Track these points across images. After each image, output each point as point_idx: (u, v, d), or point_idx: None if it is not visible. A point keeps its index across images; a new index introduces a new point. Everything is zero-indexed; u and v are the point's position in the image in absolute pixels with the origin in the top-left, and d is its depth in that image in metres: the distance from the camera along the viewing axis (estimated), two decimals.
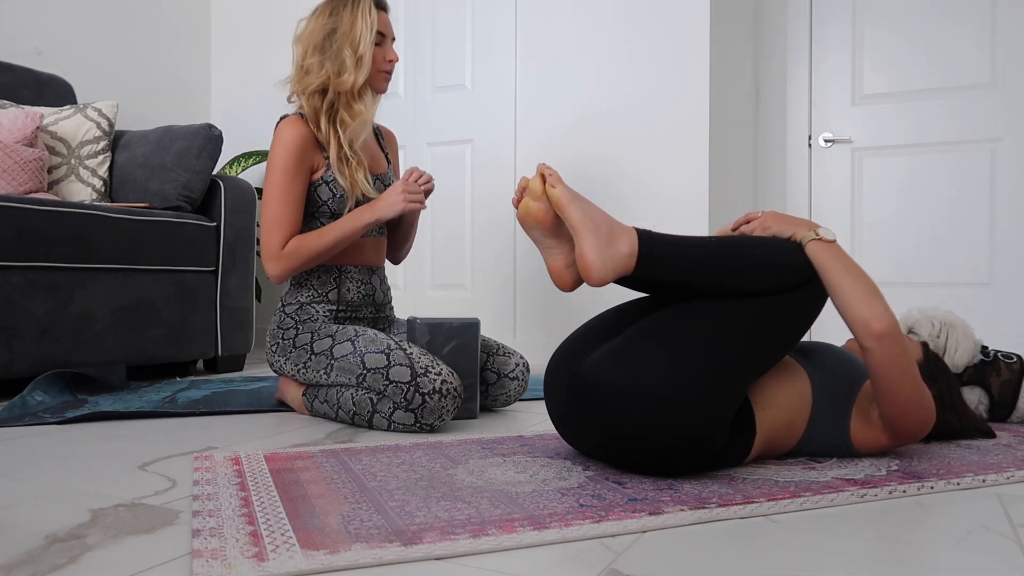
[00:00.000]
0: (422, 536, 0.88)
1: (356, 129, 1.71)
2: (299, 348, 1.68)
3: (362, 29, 1.69)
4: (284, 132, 1.69)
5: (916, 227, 2.88)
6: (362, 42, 1.69)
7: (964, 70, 2.81)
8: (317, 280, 1.75)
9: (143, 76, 3.29)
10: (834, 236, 1.19)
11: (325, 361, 1.62)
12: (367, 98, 1.73)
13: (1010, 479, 1.18)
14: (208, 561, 0.79)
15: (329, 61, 1.69)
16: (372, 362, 1.55)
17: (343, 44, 1.69)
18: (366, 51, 1.70)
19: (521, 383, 1.80)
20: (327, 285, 1.75)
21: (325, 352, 1.63)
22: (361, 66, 1.70)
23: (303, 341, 1.68)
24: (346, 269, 1.77)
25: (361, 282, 1.79)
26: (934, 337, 1.64)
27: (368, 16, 1.70)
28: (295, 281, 1.76)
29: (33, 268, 1.98)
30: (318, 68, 1.70)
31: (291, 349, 1.70)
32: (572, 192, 1.19)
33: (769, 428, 1.20)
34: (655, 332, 1.16)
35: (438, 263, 3.03)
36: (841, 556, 0.85)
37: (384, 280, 1.87)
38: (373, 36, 1.71)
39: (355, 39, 1.69)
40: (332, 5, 1.72)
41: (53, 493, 1.09)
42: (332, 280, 1.75)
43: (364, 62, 1.70)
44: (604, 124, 2.71)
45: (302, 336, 1.69)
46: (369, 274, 1.81)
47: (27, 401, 1.77)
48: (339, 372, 1.60)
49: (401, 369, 1.52)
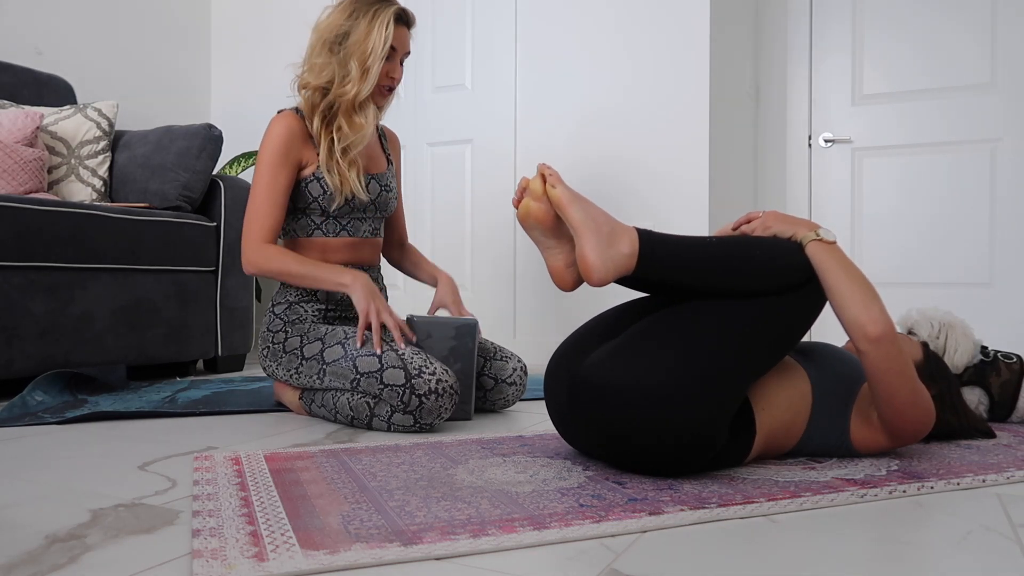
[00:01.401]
0: (422, 536, 0.88)
1: (356, 142, 1.68)
2: (289, 353, 1.67)
3: (375, 42, 1.64)
4: (273, 127, 1.68)
5: (916, 227, 2.88)
6: (372, 55, 1.64)
7: (964, 70, 2.81)
8: None
9: (143, 76, 3.29)
10: (834, 237, 1.19)
11: (317, 366, 1.61)
12: (369, 111, 1.70)
13: (1010, 479, 1.18)
14: (208, 561, 0.79)
15: (336, 65, 1.66)
16: (365, 366, 1.53)
17: (352, 52, 1.65)
18: (374, 65, 1.65)
19: (519, 387, 1.78)
20: None
21: (316, 356, 1.62)
22: (366, 79, 1.66)
23: (293, 345, 1.67)
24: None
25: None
26: (933, 338, 1.64)
27: (384, 30, 1.65)
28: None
29: (33, 268, 1.98)
30: (322, 68, 1.67)
31: (281, 354, 1.68)
32: (572, 192, 1.19)
33: (769, 428, 1.20)
34: (655, 332, 1.16)
35: (438, 263, 3.01)
36: (841, 556, 0.85)
37: (378, 280, 1.85)
38: (385, 51, 1.66)
39: (365, 51, 1.64)
40: (354, 6, 1.67)
41: (53, 493, 1.09)
42: None
43: (370, 76, 1.66)
44: (604, 124, 2.71)
45: (291, 340, 1.67)
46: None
47: (27, 401, 1.77)
48: (332, 377, 1.59)
49: (395, 372, 1.50)
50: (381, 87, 1.72)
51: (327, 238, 1.75)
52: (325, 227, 1.74)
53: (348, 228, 1.76)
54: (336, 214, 1.73)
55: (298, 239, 1.76)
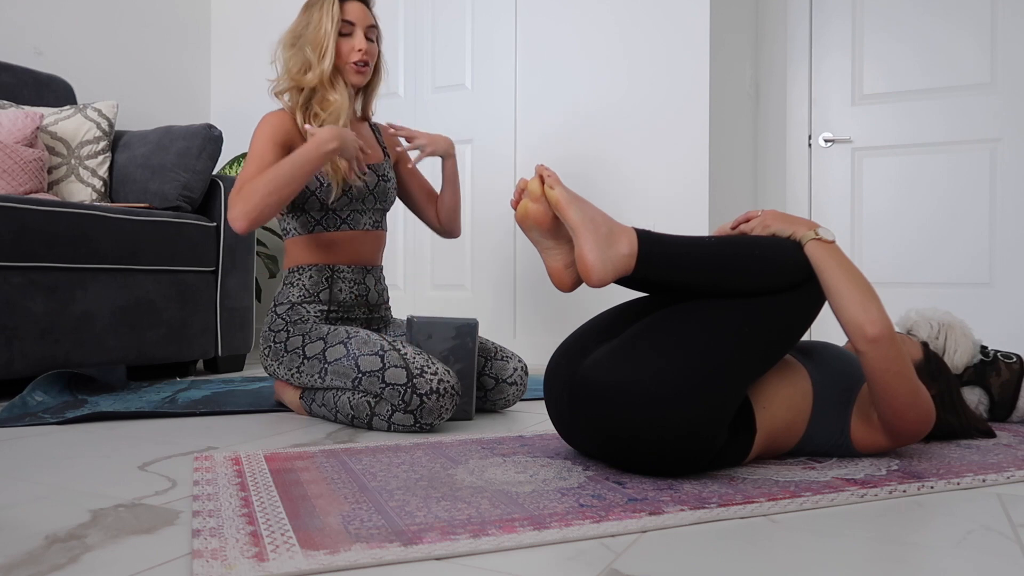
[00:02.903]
0: (422, 536, 0.88)
1: (329, 118, 1.71)
2: (291, 352, 1.67)
3: (324, 24, 1.71)
4: (262, 122, 1.73)
5: (916, 227, 2.88)
6: (324, 36, 1.70)
7: (963, 70, 2.81)
8: (308, 279, 1.74)
9: (143, 76, 3.29)
10: (833, 237, 1.19)
11: (319, 365, 1.61)
12: (339, 88, 1.73)
13: (1010, 479, 1.18)
14: (208, 561, 0.79)
15: (298, 58, 1.73)
16: (367, 365, 1.53)
17: (306, 42, 1.72)
18: (326, 43, 1.70)
19: (520, 387, 1.79)
20: (319, 285, 1.74)
21: (318, 356, 1.62)
22: (324, 58, 1.71)
23: (295, 345, 1.67)
24: (339, 269, 1.76)
25: (354, 282, 1.78)
26: (933, 339, 1.64)
27: (331, 9, 1.71)
28: (287, 280, 1.76)
29: (33, 268, 1.98)
30: (288, 65, 1.74)
31: (283, 353, 1.69)
32: (571, 193, 1.19)
33: (769, 427, 1.20)
34: (655, 332, 1.16)
35: (438, 263, 3.03)
36: (841, 556, 0.85)
37: (380, 280, 1.86)
38: (335, 27, 1.71)
39: (318, 35, 1.71)
40: (307, 4, 1.76)
41: (53, 493, 1.09)
42: (324, 280, 1.75)
43: (326, 54, 1.70)
44: (604, 124, 2.71)
45: (293, 339, 1.68)
46: (363, 274, 1.80)
47: (27, 401, 1.77)
48: (334, 376, 1.59)
49: (397, 371, 1.51)
50: (352, 64, 1.75)
51: (328, 233, 1.76)
52: (325, 222, 1.75)
53: (348, 221, 1.77)
54: (335, 207, 1.74)
55: (299, 237, 1.77)
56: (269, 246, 3.27)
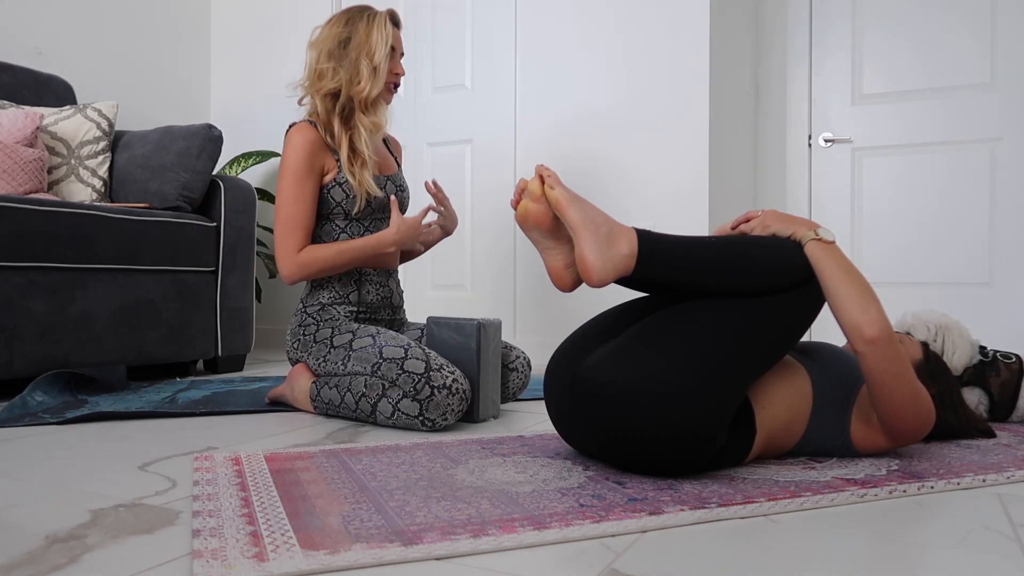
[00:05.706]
0: (422, 536, 0.88)
1: (375, 136, 1.80)
2: (319, 343, 1.73)
3: (378, 41, 1.77)
4: (294, 138, 1.75)
5: (916, 227, 2.88)
6: (378, 53, 1.76)
7: (963, 70, 2.81)
8: (338, 282, 1.80)
9: (143, 76, 3.29)
10: (833, 237, 1.19)
11: (343, 352, 1.67)
12: (381, 108, 1.81)
13: (1010, 479, 1.18)
14: (208, 561, 0.79)
15: (344, 69, 1.75)
16: (390, 353, 1.59)
17: (360, 53, 1.75)
18: (382, 62, 1.77)
19: (521, 375, 1.82)
20: (348, 287, 1.80)
21: (344, 345, 1.68)
22: (377, 77, 1.77)
23: (324, 335, 1.73)
24: (366, 272, 1.83)
25: (380, 284, 1.85)
26: (931, 341, 1.63)
27: (384, 29, 1.78)
28: (315, 283, 1.81)
29: (33, 268, 1.98)
30: (331, 74, 1.76)
31: (312, 344, 1.74)
32: (571, 193, 1.19)
33: (769, 427, 1.20)
34: (655, 332, 1.16)
35: (438, 263, 3.03)
36: (841, 556, 0.85)
37: (399, 283, 1.93)
38: (387, 49, 1.77)
39: (371, 50, 1.76)
40: (348, 15, 1.80)
41: (53, 493, 1.09)
42: (352, 282, 1.81)
43: (380, 72, 1.77)
44: (604, 124, 2.71)
45: (323, 331, 1.74)
46: (387, 277, 1.87)
47: (27, 401, 1.77)
48: (356, 361, 1.63)
49: (416, 362, 1.56)
50: (388, 84, 1.82)
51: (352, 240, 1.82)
52: (349, 230, 1.81)
53: (371, 229, 1.84)
54: (359, 216, 1.80)
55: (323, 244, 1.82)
56: (269, 246, 3.27)
